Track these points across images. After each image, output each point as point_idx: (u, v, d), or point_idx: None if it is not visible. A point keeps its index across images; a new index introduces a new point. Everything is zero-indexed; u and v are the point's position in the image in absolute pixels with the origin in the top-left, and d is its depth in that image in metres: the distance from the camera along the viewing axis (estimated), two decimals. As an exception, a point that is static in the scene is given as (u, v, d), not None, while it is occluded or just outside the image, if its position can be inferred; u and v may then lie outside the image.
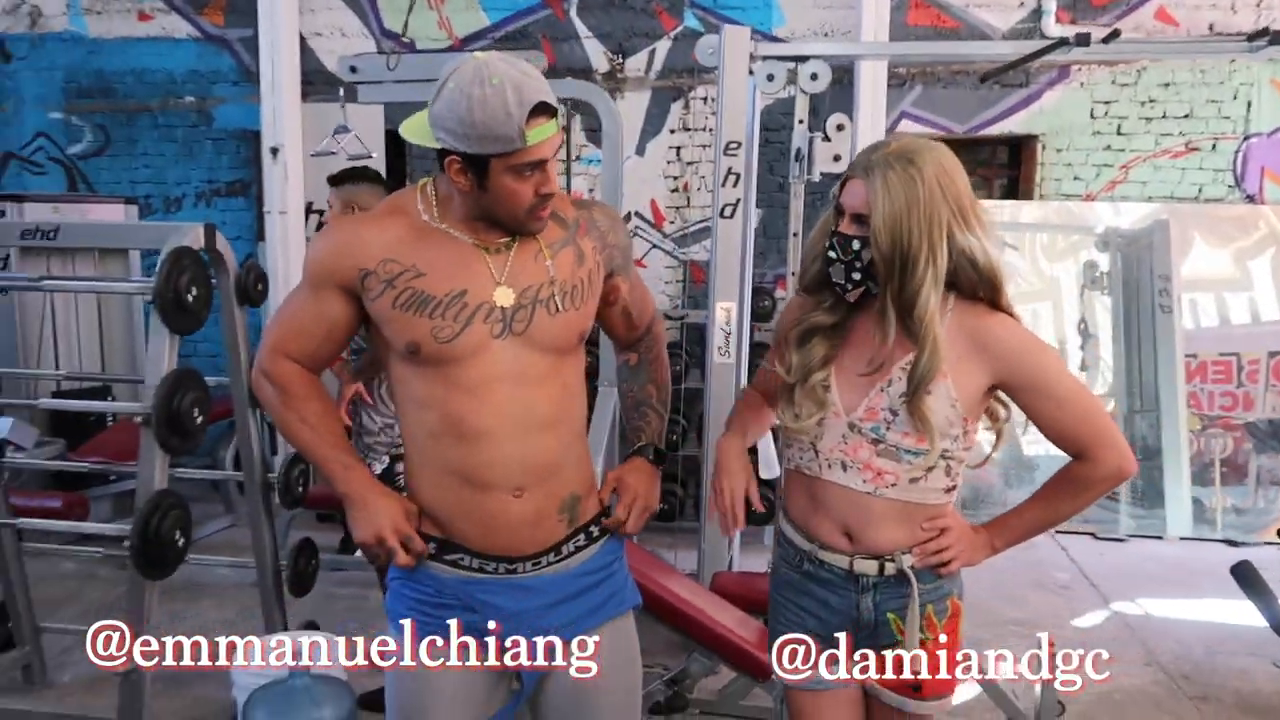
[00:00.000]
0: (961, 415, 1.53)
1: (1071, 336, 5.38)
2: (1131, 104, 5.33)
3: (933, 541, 1.59)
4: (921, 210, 1.46)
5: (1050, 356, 1.58)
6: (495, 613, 1.53)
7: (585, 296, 1.55)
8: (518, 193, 1.44)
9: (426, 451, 1.51)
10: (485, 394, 1.46)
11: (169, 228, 2.51)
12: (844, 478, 1.58)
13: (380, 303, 1.47)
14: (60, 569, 4.36)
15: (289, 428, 1.56)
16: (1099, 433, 1.55)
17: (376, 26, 5.64)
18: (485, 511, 1.50)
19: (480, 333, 1.46)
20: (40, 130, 5.96)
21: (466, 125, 1.38)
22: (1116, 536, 5.16)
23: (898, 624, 1.60)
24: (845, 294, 1.55)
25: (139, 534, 2.28)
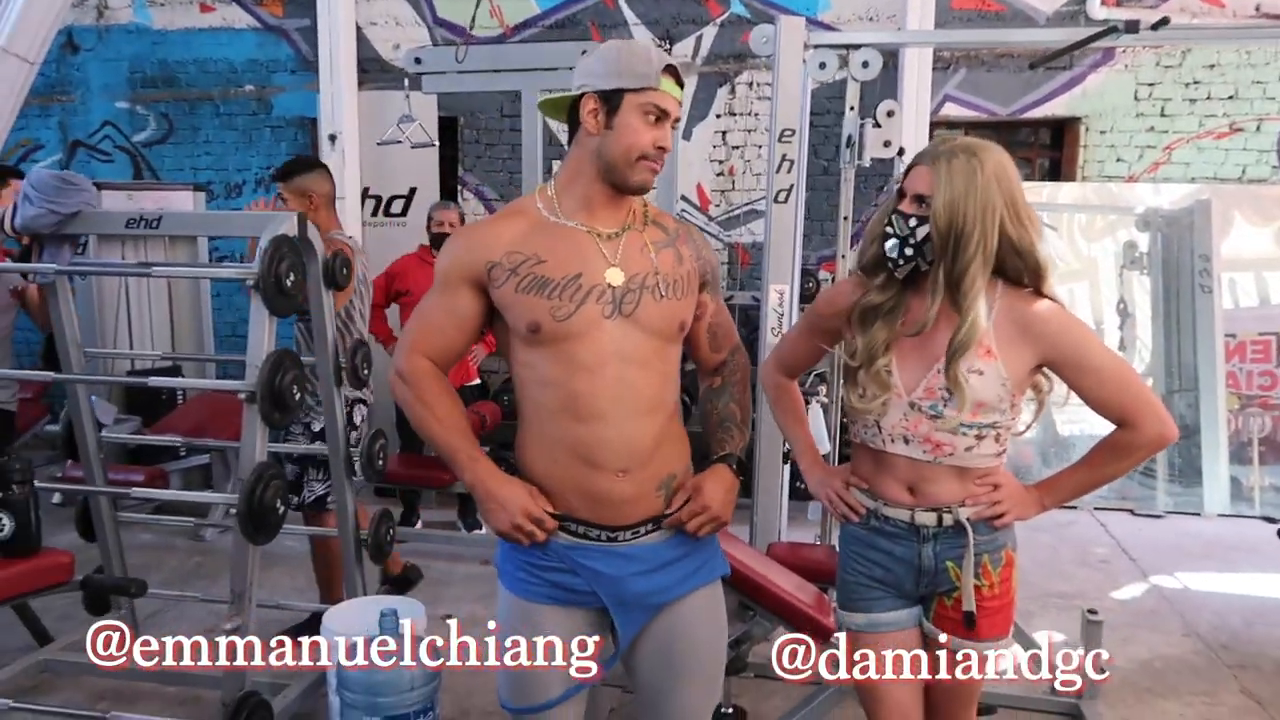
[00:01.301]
0: (1010, 392, 1.69)
1: (1109, 316, 5.45)
2: (1176, 85, 5.37)
3: (986, 496, 1.75)
4: (978, 196, 1.63)
5: (1090, 335, 1.74)
6: (594, 576, 1.68)
7: (685, 292, 1.70)
8: (639, 133, 1.60)
9: (543, 430, 1.66)
10: (599, 372, 1.60)
11: (265, 216, 2.67)
12: (906, 450, 1.75)
13: (504, 289, 1.62)
14: (140, 540, 4.59)
15: (421, 421, 1.69)
16: (1139, 402, 1.70)
17: (430, 15, 5.79)
18: (594, 488, 1.64)
19: (593, 312, 1.60)
20: (107, 119, 6.19)
21: (612, 62, 1.61)
22: (1154, 513, 5.25)
23: (955, 571, 1.77)
24: (896, 269, 1.71)
25: (246, 501, 2.46)
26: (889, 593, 1.84)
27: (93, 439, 3.12)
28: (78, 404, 3.08)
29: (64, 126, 6.23)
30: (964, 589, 1.76)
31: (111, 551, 3.23)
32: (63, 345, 3.01)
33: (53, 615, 3.49)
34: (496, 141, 5.82)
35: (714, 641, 1.81)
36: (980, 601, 1.77)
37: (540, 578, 1.70)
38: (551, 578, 1.70)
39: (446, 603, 3.90)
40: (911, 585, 1.82)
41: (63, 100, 6.19)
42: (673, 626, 1.74)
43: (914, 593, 1.83)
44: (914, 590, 1.83)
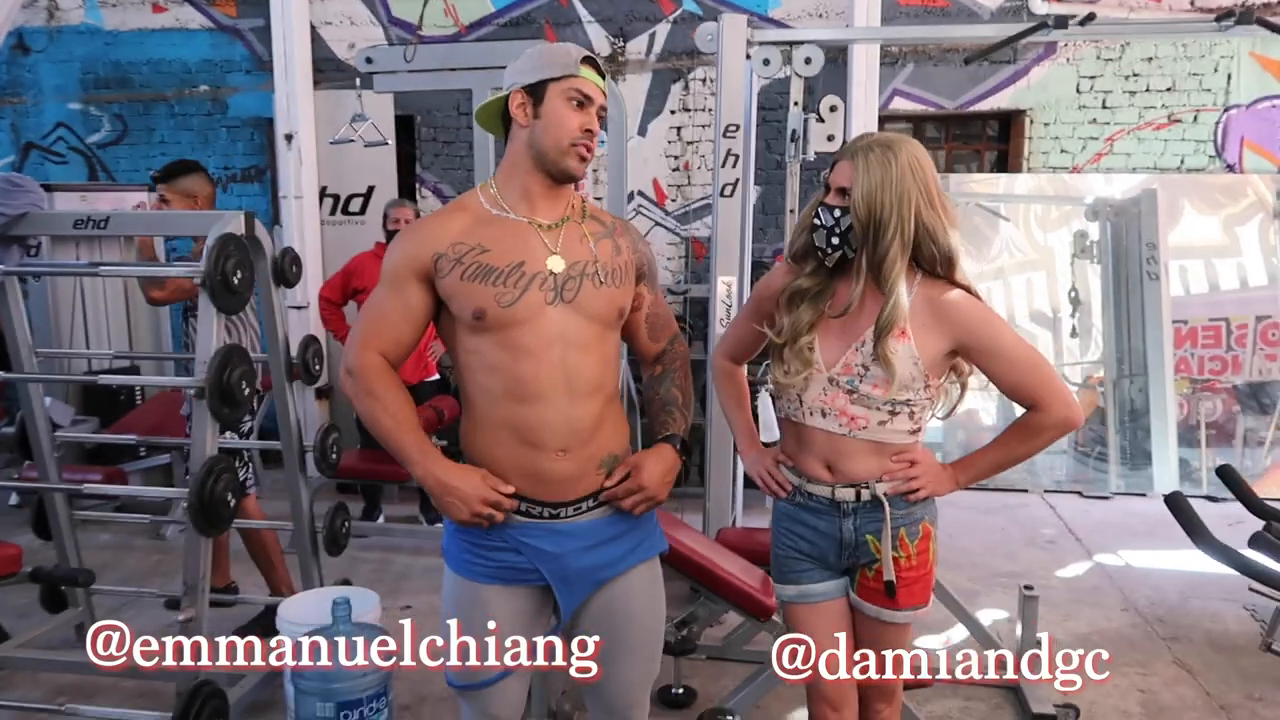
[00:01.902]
0: (924, 372, 1.80)
1: (1064, 305, 5.60)
2: (1116, 78, 5.51)
3: (902, 471, 1.85)
4: (894, 186, 1.75)
5: (1000, 324, 1.83)
6: (536, 554, 1.75)
7: (623, 280, 1.78)
8: (566, 118, 1.70)
9: (486, 413, 1.72)
10: (542, 356, 1.68)
11: (213, 216, 2.71)
12: (823, 423, 1.85)
13: (450, 278, 1.68)
14: (98, 540, 4.60)
15: (371, 415, 1.71)
16: (1046, 386, 1.81)
17: (385, 14, 5.81)
18: (535, 467, 1.71)
19: (536, 298, 1.68)
20: (60, 120, 6.15)
21: (534, 59, 1.73)
22: (1103, 495, 5.40)
23: (874, 544, 1.87)
24: (825, 258, 1.82)
25: (196, 494, 2.51)
26: (816, 565, 1.94)
27: (46, 438, 3.14)
28: (30, 404, 3.10)
29: (16, 128, 6.18)
30: (884, 560, 1.87)
31: (67, 548, 3.26)
32: (13, 345, 3.03)
33: (11, 614, 3.52)
34: (454, 139, 5.86)
35: (652, 616, 1.87)
36: (899, 572, 1.87)
37: (485, 558, 1.76)
38: (496, 557, 1.76)
39: (406, 594, 3.95)
40: (835, 557, 1.92)
41: (14, 102, 6.15)
42: (612, 601, 1.81)
43: (838, 565, 1.93)
44: (838, 562, 1.93)
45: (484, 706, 1.82)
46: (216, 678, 2.73)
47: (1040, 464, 5.58)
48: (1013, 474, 5.50)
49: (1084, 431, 5.60)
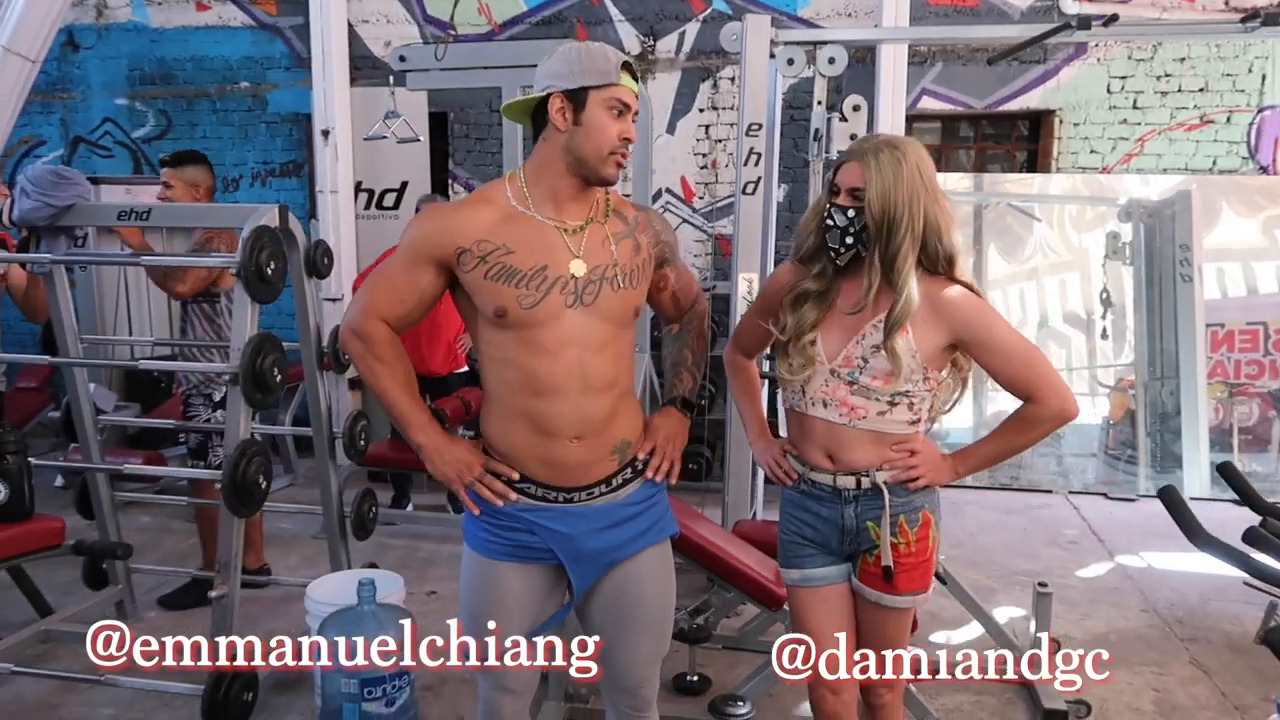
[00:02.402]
0: (922, 365, 1.86)
1: (1096, 306, 5.57)
2: (1147, 79, 5.48)
3: (902, 460, 1.91)
4: (905, 185, 1.80)
5: (996, 318, 1.88)
6: (550, 535, 1.82)
7: (640, 280, 1.84)
8: (606, 127, 1.72)
9: (504, 402, 1.80)
10: (559, 354, 1.74)
11: (248, 209, 2.82)
12: (825, 413, 1.92)
13: (474, 274, 1.73)
14: (139, 522, 4.75)
15: (375, 378, 1.81)
16: (1042, 379, 1.86)
17: (420, 13, 5.93)
18: (549, 454, 1.79)
19: (556, 302, 1.73)
20: (107, 115, 6.35)
21: (573, 64, 1.73)
22: (1128, 497, 5.38)
23: (874, 530, 1.93)
24: (838, 257, 1.87)
25: (230, 475, 2.62)
26: (819, 550, 2.01)
27: (90, 421, 3.28)
28: (75, 388, 3.24)
29: (65, 123, 6.39)
30: (882, 546, 1.92)
31: (108, 526, 3.40)
32: (60, 332, 3.17)
33: (56, 590, 3.66)
34: (485, 136, 5.97)
35: (662, 597, 1.94)
36: (897, 558, 1.93)
37: (501, 537, 1.84)
38: (511, 537, 1.83)
39: (432, 580, 4.06)
40: (837, 543, 1.98)
41: (64, 98, 6.35)
42: (624, 581, 1.88)
43: (840, 550, 2.00)
44: (840, 548, 1.99)
45: (499, 680, 1.90)
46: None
47: (1069, 465, 5.57)
48: (1038, 475, 5.51)
49: (1114, 434, 5.58)
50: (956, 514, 4.90)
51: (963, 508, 5.04)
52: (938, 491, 2.00)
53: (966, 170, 5.92)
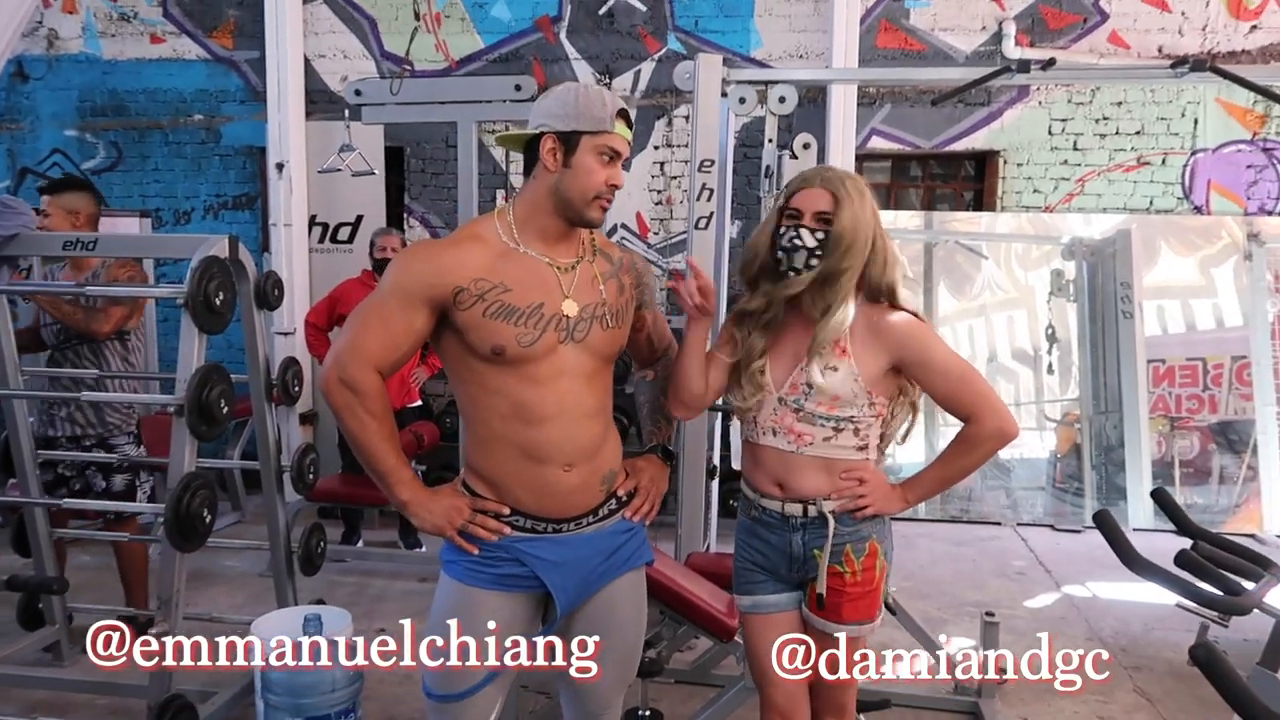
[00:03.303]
0: (865, 389, 1.90)
1: (1043, 342, 5.70)
2: (1087, 121, 5.66)
3: (850, 489, 1.94)
4: (868, 212, 1.89)
5: (933, 338, 1.94)
6: (538, 563, 1.82)
7: (624, 320, 1.89)
8: (594, 173, 1.75)
9: (495, 430, 1.79)
10: (552, 386, 1.77)
11: (198, 239, 2.79)
12: (774, 441, 1.96)
13: (471, 313, 1.73)
14: (78, 560, 4.63)
15: (365, 433, 1.76)
16: (980, 399, 1.92)
17: (377, 49, 5.95)
18: (541, 481, 1.80)
19: (551, 338, 1.76)
20: (56, 146, 6.26)
21: (570, 106, 1.75)
22: (1074, 528, 5.47)
23: (820, 557, 1.94)
24: (799, 276, 1.89)
25: (173, 509, 2.57)
26: (770, 577, 2.04)
27: (29, 454, 3.20)
28: (14, 419, 3.16)
29: (12, 154, 6.28)
30: (819, 573, 1.95)
31: (46, 563, 3.30)
32: (0, 363, 3.10)
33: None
34: (441, 170, 5.98)
35: (635, 623, 1.97)
36: (843, 587, 1.95)
37: (487, 567, 1.84)
38: (498, 568, 1.84)
39: (381, 617, 3.99)
40: (786, 570, 2.01)
41: (11, 128, 6.26)
42: (600, 606, 1.90)
43: (790, 578, 2.02)
44: (789, 575, 2.02)
45: (455, 718, 1.87)
46: (188, 692, 2.77)
47: (1018, 498, 5.66)
48: (988, 508, 5.59)
49: (1061, 467, 5.69)
50: (908, 546, 4.95)
51: (914, 540, 5.10)
52: (887, 521, 2.03)
53: (916, 209, 6.05)
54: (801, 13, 5.65)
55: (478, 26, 5.90)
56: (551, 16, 5.84)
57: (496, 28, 5.88)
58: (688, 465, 3.85)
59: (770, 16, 5.69)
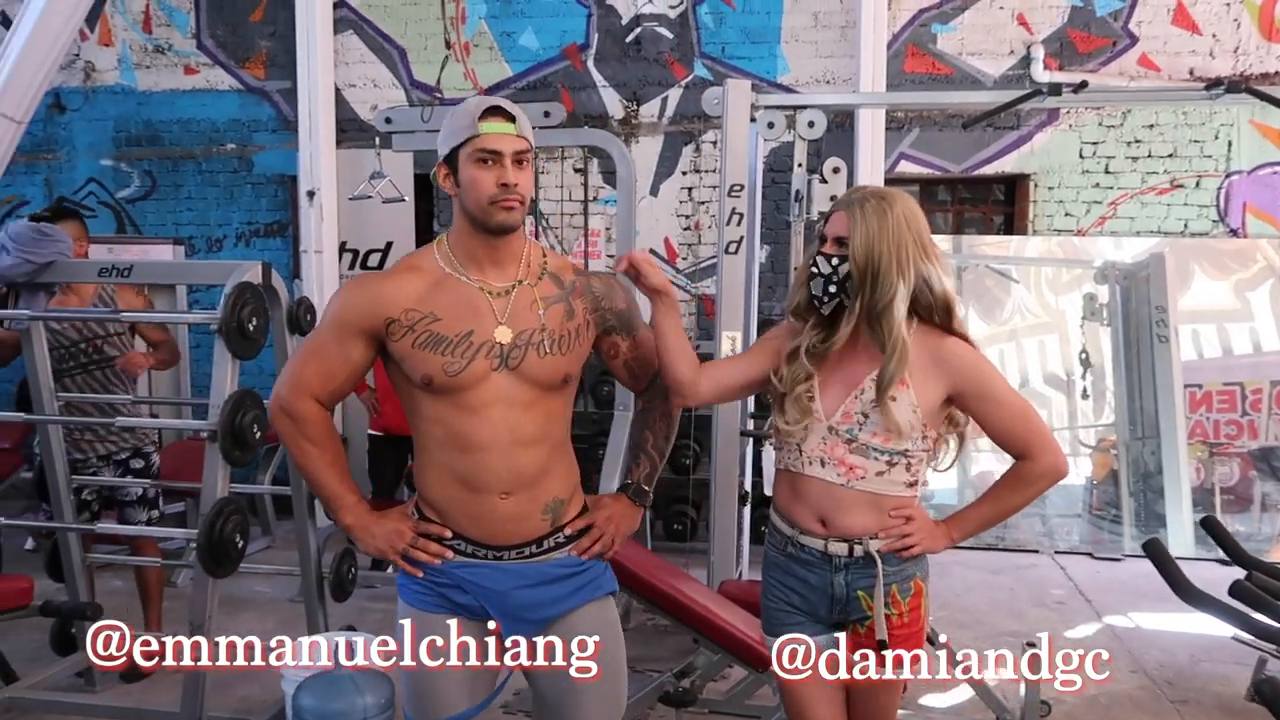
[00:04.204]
0: (922, 421, 1.82)
1: (1076, 367, 5.62)
2: (1118, 144, 5.62)
3: (897, 527, 1.86)
4: (890, 234, 1.79)
5: (994, 371, 1.88)
6: (480, 591, 1.80)
7: (572, 346, 1.82)
8: (479, 180, 1.71)
9: (433, 458, 1.80)
10: (483, 414, 1.75)
11: (231, 265, 2.81)
12: (822, 472, 1.86)
13: (402, 344, 1.74)
14: (110, 586, 4.64)
15: (305, 458, 1.84)
16: (1036, 435, 1.85)
17: (406, 78, 6.02)
18: (478, 509, 1.78)
19: (482, 366, 1.74)
20: (92, 176, 6.36)
21: (444, 130, 1.76)
22: (1114, 556, 5.36)
23: (866, 600, 1.88)
24: (821, 306, 1.85)
25: (205, 534, 2.57)
26: (806, 619, 1.94)
27: (64, 480, 3.22)
28: (49, 445, 3.18)
29: (50, 183, 6.39)
30: (875, 618, 1.86)
31: (79, 588, 3.31)
32: (36, 389, 3.13)
33: (21, 657, 3.55)
34: (470, 197, 6.01)
35: (609, 655, 1.88)
36: (891, 629, 1.87)
37: (435, 591, 1.82)
38: (444, 592, 1.82)
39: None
40: (826, 612, 1.92)
41: (49, 158, 6.37)
42: (562, 637, 1.84)
43: (828, 619, 1.93)
44: (828, 616, 1.93)
45: None
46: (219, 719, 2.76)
47: (1054, 525, 5.56)
48: (1024, 535, 5.49)
49: (1098, 494, 5.59)
50: (943, 574, 4.86)
51: (949, 568, 5.01)
52: (927, 559, 1.96)
53: (944, 233, 6.02)
54: (828, 39, 5.66)
55: (506, 55, 5.95)
56: (579, 44, 5.89)
57: (524, 56, 5.93)
58: (719, 492, 3.82)
59: (797, 43, 5.71)
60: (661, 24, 5.81)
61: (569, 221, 5.93)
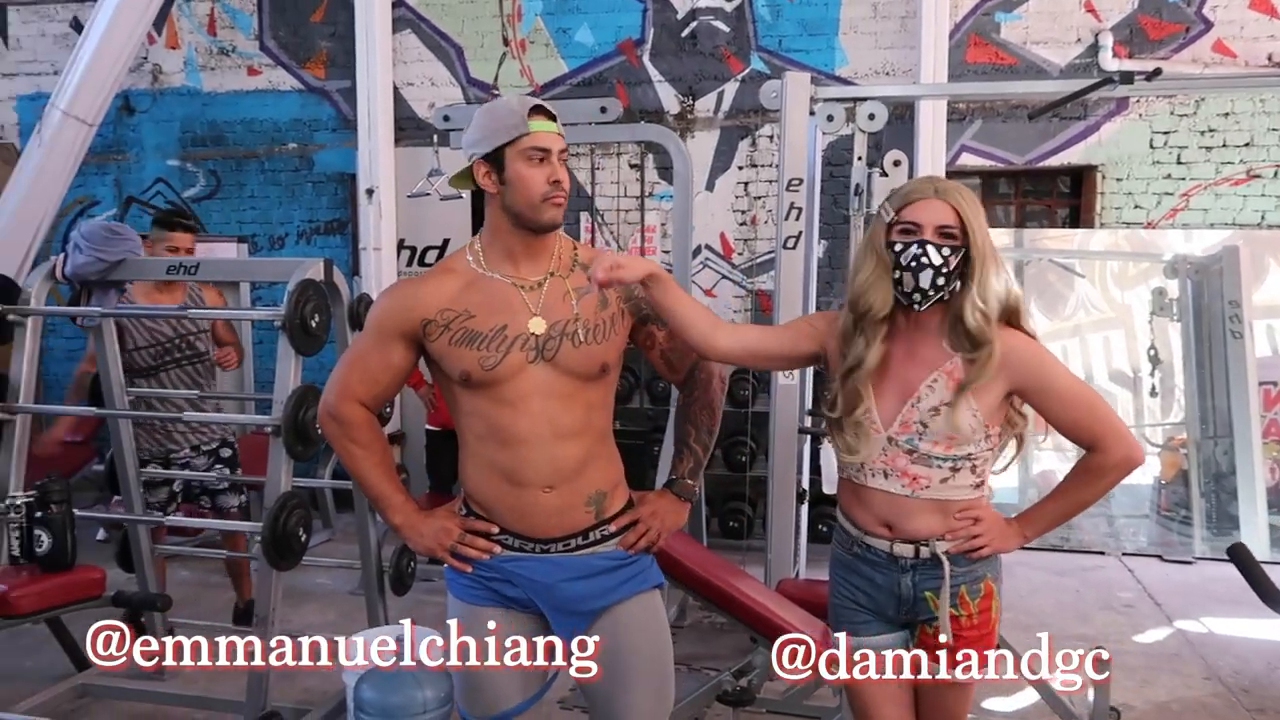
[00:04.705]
0: (983, 423, 1.77)
1: (1143, 364, 5.46)
2: (1191, 134, 5.43)
3: (965, 529, 1.81)
4: (984, 221, 1.77)
5: (1055, 363, 1.81)
6: (528, 584, 1.82)
7: (607, 335, 1.82)
8: (529, 178, 1.74)
9: (475, 453, 1.83)
10: (522, 407, 1.76)
11: (294, 262, 2.85)
12: (885, 484, 1.82)
13: (439, 343, 1.78)
14: (178, 576, 4.75)
15: (352, 460, 1.88)
16: (1105, 425, 1.78)
17: (463, 75, 6.06)
18: (521, 502, 1.80)
19: (518, 359, 1.76)
20: (159, 176, 6.52)
21: (484, 127, 1.76)
22: (1184, 559, 5.20)
23: (933, 601, 1.83)
24: (922, 302, 1.74)
25: (270, 528, 2.61)
26: (874, 618, 1.91)
27: (133, 472, 3.30)
28: (120, 439, 3.26)
29: (119, 184, 6.57)
30: (941, 621, 1.82)
31: (148, 578, 3.39)
32: (107, 384, 3.21)
33: (93, 645, 3.66)
34: (526, 194, 6.03)
35: (654, 647, 1.89)
36: (959, 631, 1.83)
37: (484, 585, 1.85)
38: (493, 586, 1.85)
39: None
40: (893, 611, 1.89)
41: (118, 159, 6.54)
42: (612, 631, 1.84)
43: (896, 619, 1.90)
44: (896, 616, 1.89)
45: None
46: (282, 709, 2.80)
47: (1120, 526, 5.40)
48: (1089, 536, 5.35)
49: (1167, 494, 5.43)
50: (1007, 575, 4.67)
51: (1012, 568, 4.84)
52: (1000, 559, 1.91)
53: (1006, 226, 5.88)
54: (888, 29, 5.56)
55: (561, 51, 5.96)
56: (635, 39, 5.87)
57: (580, 52, 5.93)
58: (777, 489, 3.78)
59: (856, 34, 5.62)
60: (717, 17, 5.76)
61: (624, 218, 5.92)
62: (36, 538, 2.66)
